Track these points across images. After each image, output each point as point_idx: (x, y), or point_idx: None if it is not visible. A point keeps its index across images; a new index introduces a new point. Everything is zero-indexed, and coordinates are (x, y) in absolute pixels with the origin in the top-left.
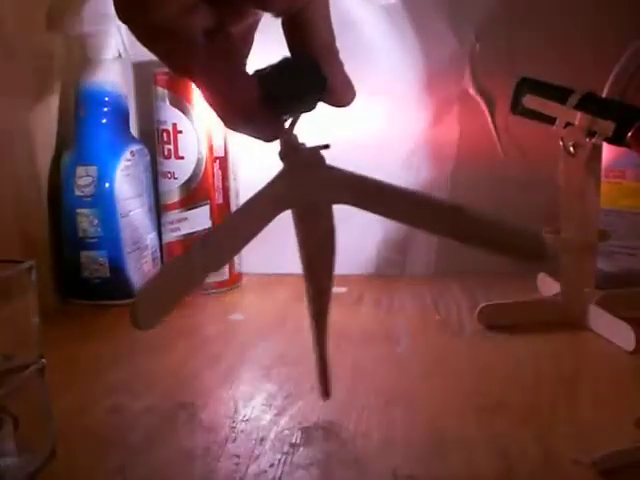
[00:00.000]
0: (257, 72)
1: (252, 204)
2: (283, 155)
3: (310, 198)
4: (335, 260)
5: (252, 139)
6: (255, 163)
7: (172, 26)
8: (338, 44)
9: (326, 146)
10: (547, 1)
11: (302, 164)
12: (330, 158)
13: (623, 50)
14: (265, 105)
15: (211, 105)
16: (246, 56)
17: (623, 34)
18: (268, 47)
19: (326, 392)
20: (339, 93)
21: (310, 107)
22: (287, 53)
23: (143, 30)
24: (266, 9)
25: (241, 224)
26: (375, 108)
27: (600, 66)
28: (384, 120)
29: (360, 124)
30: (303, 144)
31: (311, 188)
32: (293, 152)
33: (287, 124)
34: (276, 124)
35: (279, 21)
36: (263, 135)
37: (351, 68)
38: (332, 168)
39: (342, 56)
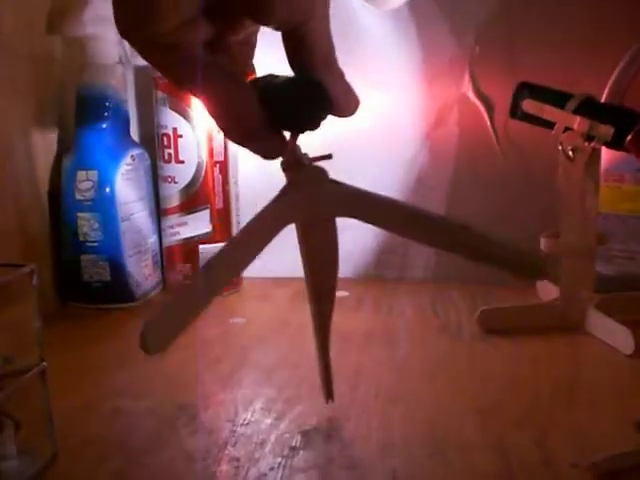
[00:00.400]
0: (259, 83)
1: (257, 222)
2: (285, 166)
3: (314, 212)
4: (338, 272)
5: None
6: (255, 167)
7: (171, 40)
8: (340, 47)
9: (328, 156)
10: (546, 5)
11: (306, 179)
12: (332, 161)
13: (623, 54)
14: (267, 123)
15: (213, 119)
16: (250, 58)
17: (623, 38)
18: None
19: (330, 395)
20: (342, 103)
21: (314, 127)
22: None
23: (143, 44)
24: (265, 23)
25: (246, 243)
26: (375, 110)
27: (599, 71)
28: (384, 123)
29: (360, 127)
30: (306, 155)
31: (315, 203)
32: (296, 165)
33: (289, 135)
34: (278, 142)
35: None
36: (264, 152)
37: (351, 71)
38: (336, 183)
39: (343, 59)
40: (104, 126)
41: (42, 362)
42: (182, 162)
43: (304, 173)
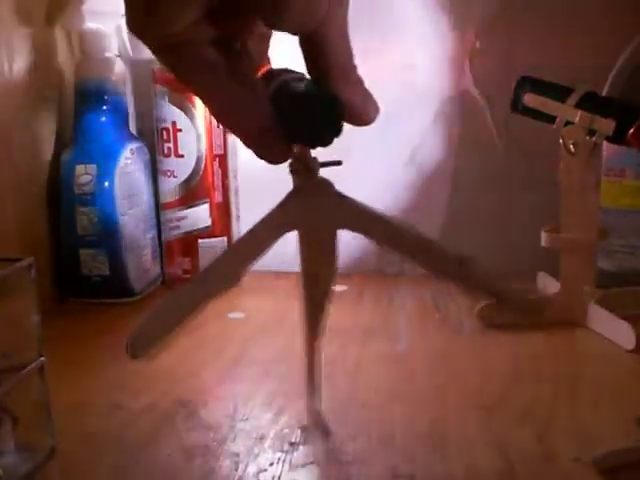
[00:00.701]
0: (273, 83)
1: (257, 229)
2: (293, 170)
3: (315, 224)
4: (334, 281)
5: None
6: (255, 161)
7: (177, 41)
8: None
9: (338, 162)
10: None
11: (311, 189)
12: (334, 153)
13: (623, 48)
14: (275, 128)
15: (220, 123)
16: (266, 50)
17: (624, 32)
18: None
19: (312, 395)
20: (360, 112)
21: (324, 145)
22: None
23: (153, 45)
24: (277, 28)
25: (246, 249)
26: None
27: (600, 64)
28: (385, 116)
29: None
30: (315, 159)
31: (317, 215)
32: (304, 171)
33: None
34: (284, 149)
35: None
36: (268, 158)
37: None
38: (340, 196)
39: None
40: (103, 120)
41: (41, 357)
42: (181, 156)
43: (310, 183)
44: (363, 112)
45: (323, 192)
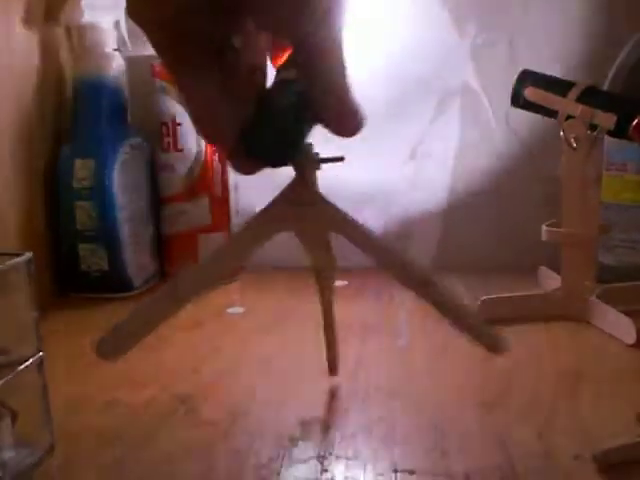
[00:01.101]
0: (277, 79)
1: (245, 232)
2: (294, 165)
3: (304, 228)
4: (335, 266)
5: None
6: None
7: (175, 41)
8: None
9: (340, 159)
10: None
11: (299, 196)
12: (338, 145)
13: (624, 43)
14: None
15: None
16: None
17: (624, 27)
18: None
19: (333, 369)
20: (345, 123)
21: (275, 167)
22: None
23: (152, 38)
24: (267, 31)
25: (231, 252)
26: (377, 99)
27: (601, 59)
28: (386, 112)
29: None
30: (317, 155)
31: (305, 219)
32: (301, 175)
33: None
34: (251, 167)
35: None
36: (237, 171)
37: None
38: (327, 204)
39: None
40: (102, 114)
41: (39, 352)
42: (181, 150)
43: (298, 189)
44: (348, 124)
45: (312, 200)
